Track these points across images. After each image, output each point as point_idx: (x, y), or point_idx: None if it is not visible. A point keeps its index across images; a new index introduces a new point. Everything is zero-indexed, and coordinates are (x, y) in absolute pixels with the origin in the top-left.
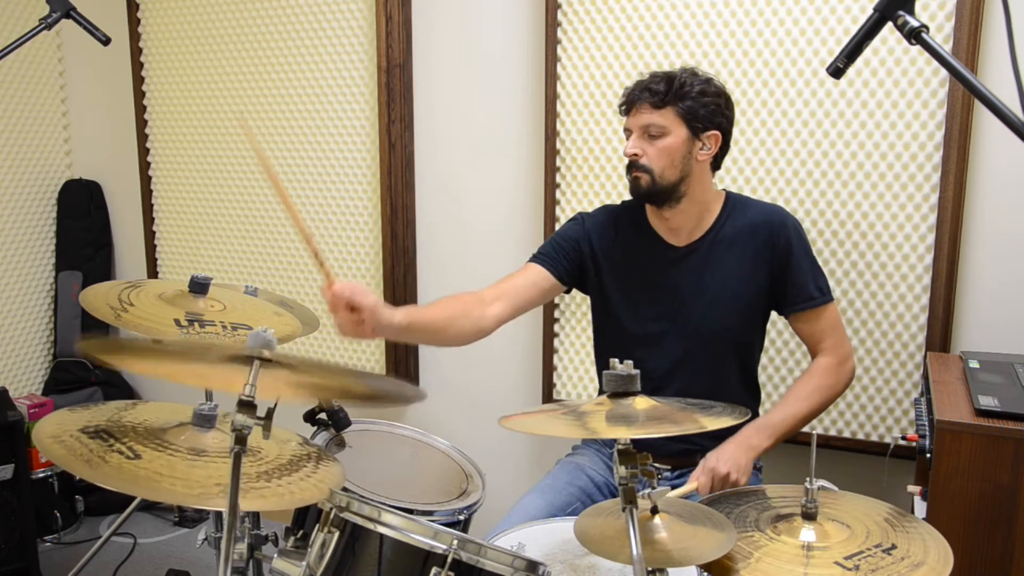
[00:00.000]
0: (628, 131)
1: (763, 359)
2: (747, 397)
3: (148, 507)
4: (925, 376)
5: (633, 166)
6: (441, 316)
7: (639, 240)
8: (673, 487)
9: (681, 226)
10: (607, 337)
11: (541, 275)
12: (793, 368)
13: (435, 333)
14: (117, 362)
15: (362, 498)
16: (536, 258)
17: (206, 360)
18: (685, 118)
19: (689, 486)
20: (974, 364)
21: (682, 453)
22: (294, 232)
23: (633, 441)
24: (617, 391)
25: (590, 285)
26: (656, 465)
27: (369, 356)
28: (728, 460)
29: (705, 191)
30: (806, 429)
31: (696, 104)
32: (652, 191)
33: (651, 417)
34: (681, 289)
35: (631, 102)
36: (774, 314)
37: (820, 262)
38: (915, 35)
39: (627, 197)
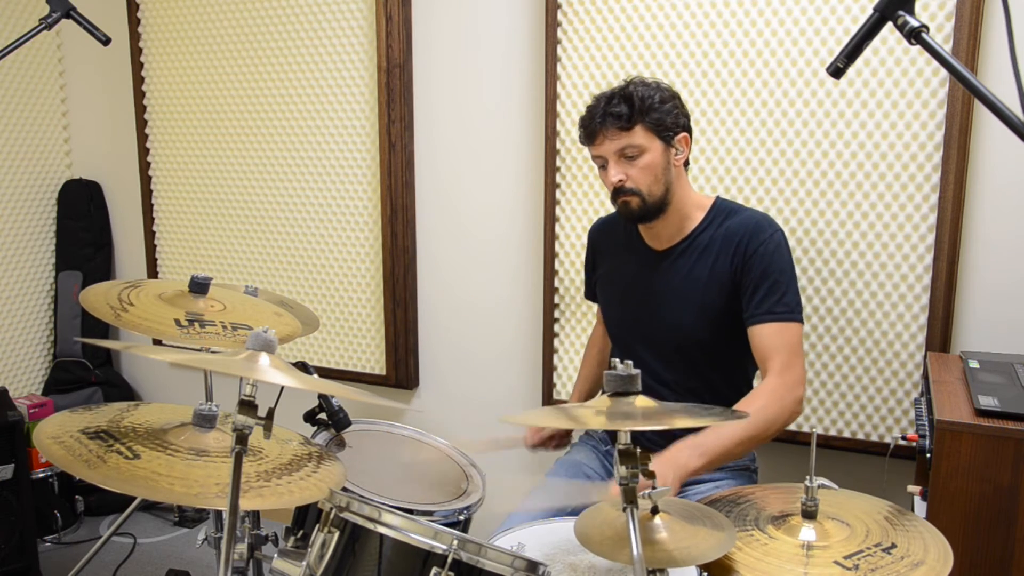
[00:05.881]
0: (600, 158)
1: None
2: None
3: (148, 507)
4: (925, 376)
5: (620, 191)
6: (596, 371)
7: (627, 244)
8: None
9: (662, 232)
10: (612, 339)
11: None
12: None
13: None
14: None
15: (362, 498)
16: (586, 294)
17: None
18: (656, 131)
19: (606, 495)
20: (974, 364)
21: None
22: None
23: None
24: (617, 391)
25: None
26: None
27: (369, 356)
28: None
29: (685, 195)
30: (806, 429)
31: (662, 114)
32: (644, 211)
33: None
34: (654, 294)
35: (594, 131)
36: None
37: (820, 263)
38: (915, 35)
39: None
